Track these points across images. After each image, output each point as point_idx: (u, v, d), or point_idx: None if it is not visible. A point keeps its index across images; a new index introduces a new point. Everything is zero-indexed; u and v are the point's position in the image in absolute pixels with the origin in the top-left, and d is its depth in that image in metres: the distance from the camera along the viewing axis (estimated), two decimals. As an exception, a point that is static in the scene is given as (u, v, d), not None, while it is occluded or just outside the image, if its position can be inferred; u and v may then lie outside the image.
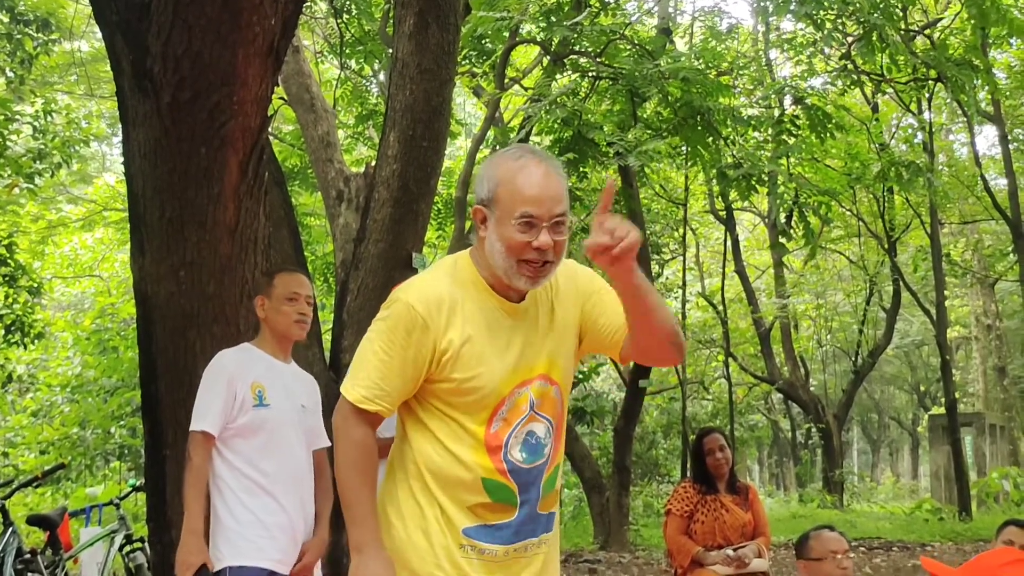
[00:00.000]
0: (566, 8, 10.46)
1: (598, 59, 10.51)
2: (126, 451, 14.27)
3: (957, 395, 18.61)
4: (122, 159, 4.63)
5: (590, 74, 11.09)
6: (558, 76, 11.14)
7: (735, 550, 4.89)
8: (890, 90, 15.08)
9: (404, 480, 2.27)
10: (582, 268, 2.42)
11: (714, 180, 11.39)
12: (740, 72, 12.36)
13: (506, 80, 11.20)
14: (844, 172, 13.86)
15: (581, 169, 10.25)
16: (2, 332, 10.89)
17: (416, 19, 5.85)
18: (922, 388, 32.00)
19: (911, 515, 15.80)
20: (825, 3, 9.70)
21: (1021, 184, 16.37)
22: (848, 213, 18.58)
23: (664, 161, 12.16)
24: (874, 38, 9.80)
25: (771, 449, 32.56)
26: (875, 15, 9.57)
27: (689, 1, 34.72)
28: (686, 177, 13.78)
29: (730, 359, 17.92)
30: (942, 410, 18.93)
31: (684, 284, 14.78)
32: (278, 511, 3.32)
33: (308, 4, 11.83)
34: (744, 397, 22.42)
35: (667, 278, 17.88)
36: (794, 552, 4.18)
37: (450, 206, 12.65)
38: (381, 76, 13.47)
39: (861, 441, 38.72)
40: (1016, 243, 16.30)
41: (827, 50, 11.93)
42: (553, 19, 10.29)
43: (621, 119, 10.66)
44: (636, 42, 10.88)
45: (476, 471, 2.21)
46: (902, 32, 12.15)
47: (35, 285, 11.20)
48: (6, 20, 10.80)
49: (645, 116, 10.92)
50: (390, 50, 7.38)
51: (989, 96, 15.13)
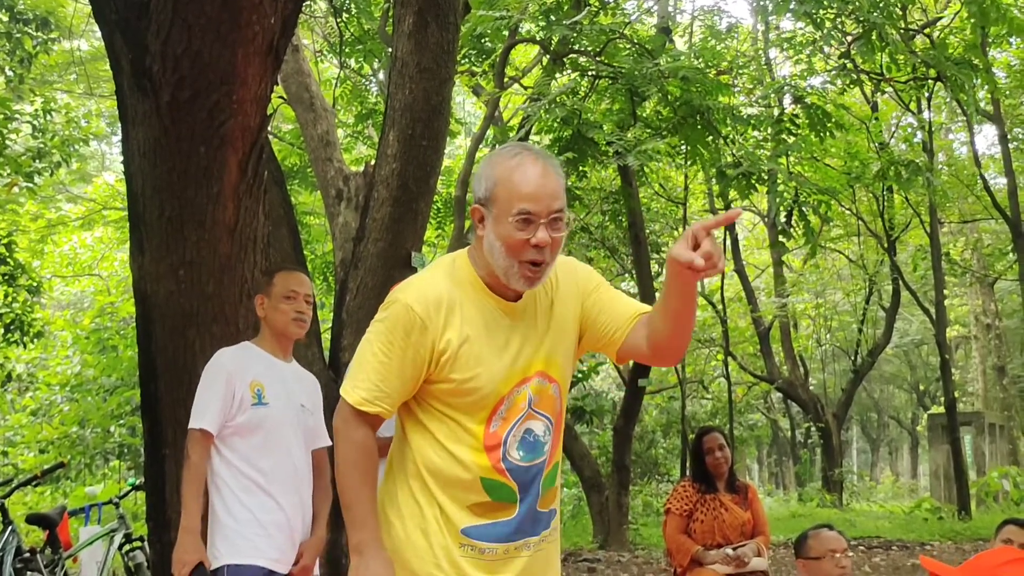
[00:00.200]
0: (565, 7, 10.46)
1: (598, 58, 10.50)
2: (125, 450, 14.27)
3: (956, 394, 18.61)
4: (121, 158, 4.63)
5: (590, 73, 11.08)
6: (558, 75, 11.14)
7: (734, 549, 4.90)
8: (889, 89, 15.07)
9: (403, 480, 2.27)
10: (581, 265, 2.41)
11: (713, 179, 11.39)
12: (740, 71, 12.35)
13: (505, 79, 11.20)
14: (844, 171, 13.84)
15: (580, 168, 10.24)
16: (1, 331, 10.89)
17: (415, 18, 5.84)
18: (921, 387, 32.01)
19: (910, 514, 15.81)
20: (824, 2, 9.68)
21: (1020, 183, 16.36)
22: (847, 212, 18.57)
23: (663, 160, 12.15)
24: (874, 37, 9.80)
25: (770, 448, 32.58)
26: (875, 14, 9.56)
27: (688, 0, 34.83)
28: (685, 176, 13.78)
29: (729, 358, 17.90)
30: (941, 409, 18.94)
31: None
32: (275, 510, 3.32)
33: (308, 3, 11.83)
34: (743, 396, 22.40)
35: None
36: (793, 551, 4.18)
37: (449, 205, 12.65)
38: (380, 75, 13.47)
39: (860, 440, 38.72)
40: (1015, 242, 16.29)
41: (827, 49, 11.91)
42: (552, 18, 10.29)
43: (621, 118, 10.65)
44: (636, 41, 10.87)
45: (475, 471, 2.20)
46: (902, 31, 12.14)
47: (34, 284, 11.19)
48: (5, 19, 10.80)
49: (645, 115, 10.91)
50: (389, 49, 7.37)
51: (989, 95, 15.13)
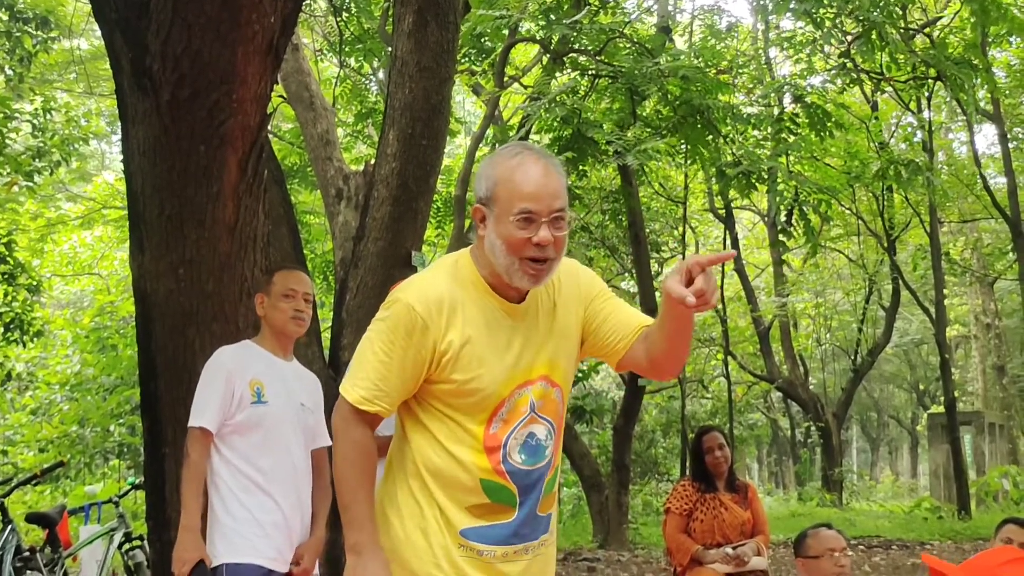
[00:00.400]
0: (565, 6, 10.46)
1: (597, 57, 10.49)
2: (125, 449, 14.26)
3: (956, 394, 18.62)
4: (121, 157, 4.62)
5: (589, 72, 11.08)
6: (557, 74, 11.13)
7: (734, 548, 4.89)
8: (889, 88, 15.07)
9: (403, 479, 2.26)
10: (583, 268, 2.40)
11: (713, 178, 11.39)
12: (739, 71, 12.35)
13: (505, 78, 11.19)
14: (843, 170, 13.84)
15: (580, 167, 10.24)
16: (1, 330, 10.89)
17: (415, 17, 5.84)
18: (921, 387, 32.02)
19: (910, 513, 15.82)
20: (824, 1, 9.68)
21: (1020, 183, 16.37)
22: (847, 212, 18.58)
23: (663, 159, 12.15)
24: (873, 36, 9.79)
25: (770, 448, 32.59)
26: (874, 13, 9.56)
27: (688, -1, 34.77)
28: (685, 175, 13.76)
29: (729, 358, 17.90)
30: (941, 409, 18.95)
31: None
32: (274, 509, 3.32)
33: (307, 2, 11.83)
34: (743, 396, 22.41)
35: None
36: (793, 550, 4.18)
37: (449, 204, 12.64)
38: (380, 74, 13.47)
39: (860, 440, 38.73)
40: (1015, 242, 16.30)
41: (826, 48, 11.91)
42: (552, 17, 10.29)
43: (620, 117, 10.65)
44: (635, 40, 10.87)
45: (475, 472, 2.19)
46: (901, 30, 12.15)
47: (34, 283, 11.19)
48: (5, 18, 10.80)
49: (644, 114, 10.91)
50: (389, 48, 7.37)
51: (988, 95, 15.13)
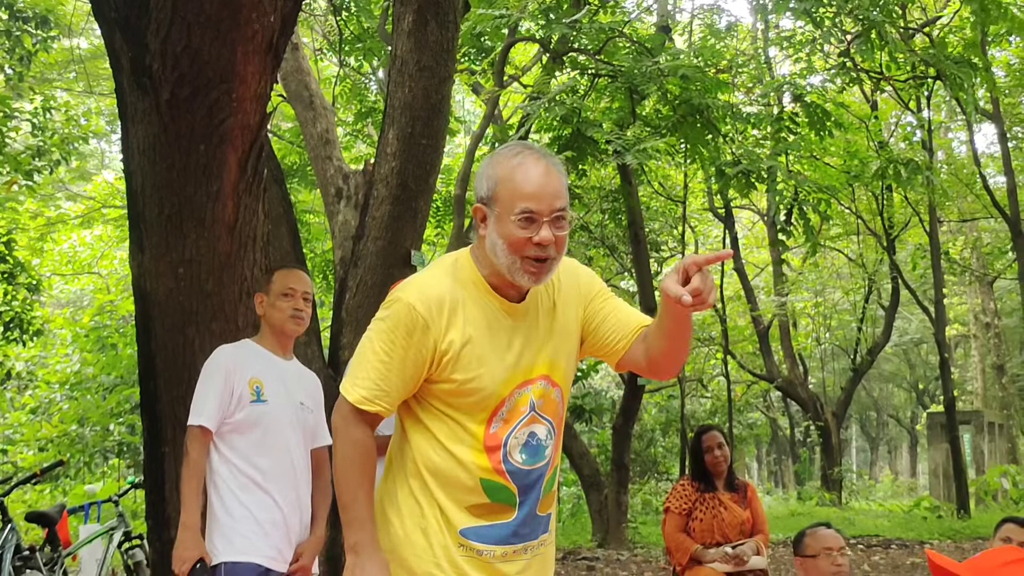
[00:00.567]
0: (565, 6, 10.45)
1: (597, 57, 10.49)
2: (125, 448, 14.24)
3: (956, 393, 18.63)
4: (121, 156, 4.62)
5: (589, 72, 11.08)
6: (557, 74, 11.13)
7: (734, 548, 4.89)
8: (889, 88, 15.08)
9: (403, 479, 2.26)
10: (583, 268, 2.41)
11: (713, 178, 11.38)
12: (739, 70, 12.34)
13: (505, 77, 11.18)
14: (843, 170, 13.84)
15: (580, 167, 10.23)
16: (1, 329, 10.89)
17: (415, 16, 5.85)
18: (921, 386, 32.04)
19: (909, 513, 15.83)
20: (824, 1, 9.68)
21: (1020, 182, 16.39)
22: (847, 211, 18.59)
23: (663, 159, 12.15)
24: (873, 36, 9.79)
25: (770, 447, 32.59)
26: (874, 13, 9.56)
27: (688, -1, 34.81)
28: (685, 175, 13.75)
29: (729, 357, 17.90)
30: (941, 408, 18.96)
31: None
32: (273, 508, 3.33)
33: (307, 1, 11.82)
34: (743, 395, 22.42)
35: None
36: (792, 549, 4.19)
37: (449, 204, 12.63)
38: (380, 73, 13.46)
39: (860, 439, 38.76)
40: (1015, 241, 16.30)
41: (826, 48, 11.91)
42: (552, 16, 10.28)
43: (620, 117, 10.65)
44: (635, 40, 10.87)
45: (475, 472, 2.19)
46: (901, 30, 12.16)
47: (34, 282, 11.19)
48: (5, 17, 10.79)
49: (644, 114, 10.90)
50: (389, 47, 7.37)
51: (988, 94, 15.13)
